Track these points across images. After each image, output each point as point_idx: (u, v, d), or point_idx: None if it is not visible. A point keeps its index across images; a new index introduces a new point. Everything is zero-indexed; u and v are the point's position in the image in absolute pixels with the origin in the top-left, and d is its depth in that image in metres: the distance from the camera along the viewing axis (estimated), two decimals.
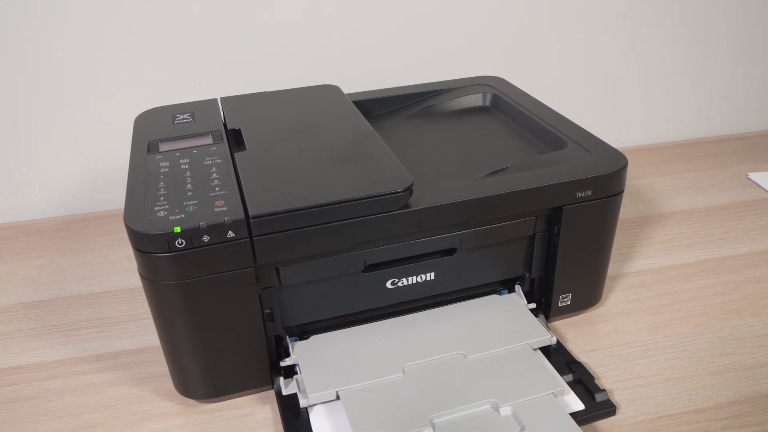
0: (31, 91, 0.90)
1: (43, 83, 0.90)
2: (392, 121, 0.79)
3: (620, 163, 0.63)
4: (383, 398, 0.57)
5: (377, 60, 0.99)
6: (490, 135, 0.74)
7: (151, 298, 0.55)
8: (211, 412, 0.61)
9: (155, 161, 0.61)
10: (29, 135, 0.93)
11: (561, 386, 0.58)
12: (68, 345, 0.70)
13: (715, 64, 1.13)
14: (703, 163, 1.07)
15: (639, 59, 1.10)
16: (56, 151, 0.95)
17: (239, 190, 0.56)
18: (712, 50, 1.12)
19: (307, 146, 0.63)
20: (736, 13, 1.10)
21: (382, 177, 0.57)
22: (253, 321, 0.58)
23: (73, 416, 0.61)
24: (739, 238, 0.86)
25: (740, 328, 0.70)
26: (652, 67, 1.11)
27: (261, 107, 0.73)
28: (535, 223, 0.64)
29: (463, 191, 0.59)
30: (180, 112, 0.72)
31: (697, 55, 1.12)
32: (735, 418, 0.59)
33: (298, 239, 0.54)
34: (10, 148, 0.93)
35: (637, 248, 0.85)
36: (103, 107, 0.93)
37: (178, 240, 0.51)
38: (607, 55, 1.08)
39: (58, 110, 0.92)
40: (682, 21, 1.08)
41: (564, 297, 0.68)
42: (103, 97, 0.93)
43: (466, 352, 0.61)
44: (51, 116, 0.92)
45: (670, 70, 1.12)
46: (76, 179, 0.98)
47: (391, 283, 0.63)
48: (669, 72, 1.12)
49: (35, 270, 0.84)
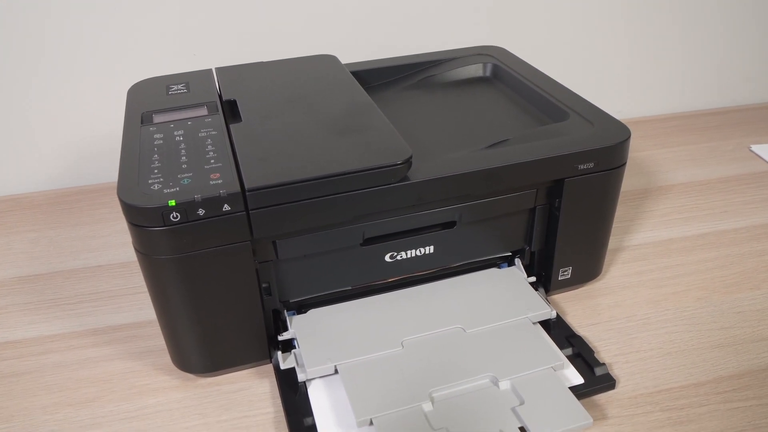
0: (22, 63, 0.88)
1: (35, 55, 0.88)
2: (391, 91, 0.78)
3: (623, 135, 0.62)
4: (382, 372, 0.56)
5: (376, 29, 0.97)
6: (491, 106, 0.73)
7: (146, 272, 0.54)
8: (208, 386, 0.61)
9: (149, 133, 0.60)
10: (21, 107, 0.92)
11: (560, 360, 0.58)
12: (64, 319, 0.70)
13: (718, 34, 1.12)
14: (704, 135, 1.06)
15: (640, 30, 1.08)
16: (49, 123, 0.94)
17: (235, 162, 0.55)
18: (714, 21, 1.10)
19: (304, 117, 0.61)
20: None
21: (381, 149, 0.56)
22: (250, 295, 0.57)
23: (70, 390, 0.61)
24: (741, 211, 0.85)
25: (741, 302, 0.69)
26: (654, 37, 1.09)
27: (257, 78, 0.71)
28: (536, 195, 0.63)
29: (462, 163, 0.58)
30: (174, 82, 0.71)
31: (699, 25, 1.10)
32: (735, 392, 0.59)
33: (295, 212, 0.53)
34: (2, 121, 0.92)
35: (638, 221, 0.84)
36: (96, 78, 0.92)
37: (172, 213, 0.50)
38: (609, 25, 1.06)
39: (51, 82, 0.91)
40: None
41: (564, 270, 0.68)
42: (96, 68, 0.91)
43: (465, 326, 0.61)
44: (43, 88, 0.91)
45: (673, 40, 1.10)
46: (70, 151, 0.96)
47: (389, 257, 0.62)
48: (671, 43, 1.10)
49: (29, 244, 0.83)
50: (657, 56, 1.11)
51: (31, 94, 0.91)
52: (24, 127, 0.93)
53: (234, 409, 0.59)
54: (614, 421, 0.56)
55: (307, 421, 0.55)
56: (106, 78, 0.92)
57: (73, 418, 0.58)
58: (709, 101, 1.18)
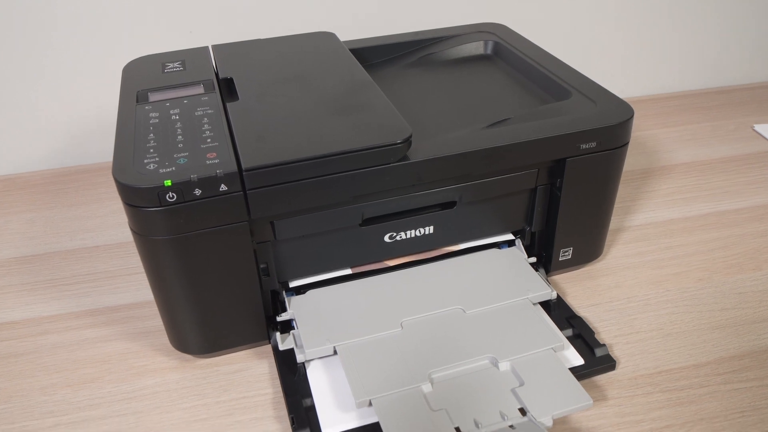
0: (17, 42, 0.87)
1: (30, 34, 0.87)
2: (390, 69, 0.77)
3: (626, 114, 0.61)
4: (381, 353, 0.56)
5: (375, 6, 0.96)
6: (492, 84, 0.72)
7: (143, 253, 0.54)
8: (207, 367, 0.61)
9: (144, 112, 0.59)
10: (16, 86, 0.90)
11: (560, 341, 0.58)
12: (62, 300, 0.69)
13: (721, 12, 1.10)
14: (707, 115, 1.05)
15: (644, 8, 1.06)
16: (44, 103, 0.93)
17: (232, 141, 0.54)
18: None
19: (303, 96, 0.60)
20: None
21: (380, 128, 0.55)
22: (248, 276, 0.56)
23: (68, 371, 0.61)
24: (743, 192, 0.85)
25: (742, 283, 0.69)
26: (657, 15, 1.07)
27: (254, 55, 0.70)
28: (537, 175, 0.62)
29: (463, 143, 0.57)
30: (170, 60, 0.70)
31: (702, 3, 1.08)
32: (735, 373, 0.58)
33: (293, 192, 0.53)
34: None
35: (639, 201, 0.83)
36: (91, 56, 0.90)
37: (168, 194, 0.49)
38: (612, 3, 1.04)
39: (46, 61, 0.89)
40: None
41: (565, 251, 0.67)
42: (91, 46, 0.90)
43: (465, 307, 0.61)
44: (38, 67, 0.89)
45: (676, 18, 1.09)
46: (66, 131, 0.95)
47: (389, 237, 0.61)
48: (674, 21, 1.09)
49: (25, 224, 0.82)
50: (660, 35, 1.10)
51: (25, 73, 0.90)
52: (19, 106, 0.92)
53: (232, 390, 0.58)
54: (614, 402, 0.56)
55: (306, 402, 0.55)
56: (101, 56, 0.90)
57: (71, 398, 0.58)
58: (712, 80, 1.17)
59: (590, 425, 0.54)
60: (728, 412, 0.55)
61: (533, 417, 0.50)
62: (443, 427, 0.50)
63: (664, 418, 0.54)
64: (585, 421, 0.54)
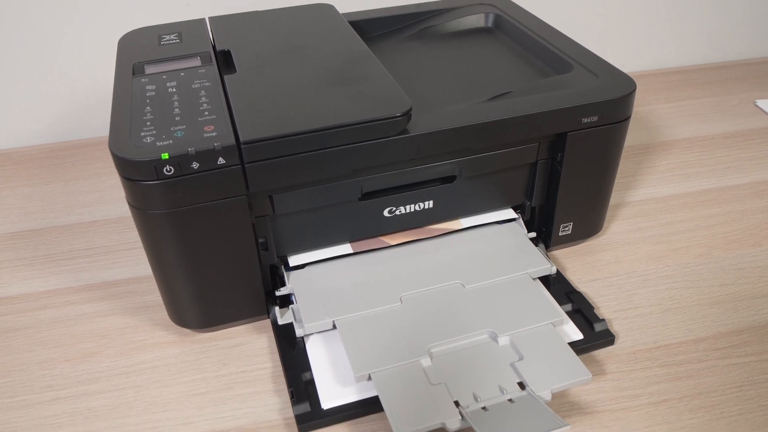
0: (12, 15, 0.86)
1: (25, 6, 0.85)
2: (389, 42, 0.76)
3: (628, 88, 0.60)
4: (380, 328, 0.56)
5: None
6: (492, 57, 0.71)
7: (141, 227, 0.54)
8: (206, 342, 0.61)
9: (141, 84, 0.58)
10: (11, 60, 0.89)
11: (560, 316, 0.58)
12: (60, 275, 0.69)
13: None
14: (709, 90, 1.04)
15: None
16: (40, 77, 0.91)
17: (229, 114, 0.53)
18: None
19: (301, 68, 0.60)
20: None
21: (380, 101, 0.54)
22: (246, 250, 0.56)
23: (66, 346, 0.61)
24: (744, 168, 0.84)
25: (742, 259, 0.69)
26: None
27: (252, 27, 0.69)
28: (538, 149, 0.62)
29: (463, 116, 0.57)
30: (166, 32, 0.69)
31: None
32: (733, 348, 0.58)
33: (291, 166, 0.52)
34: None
35: (640, 177, 0.83)
36: (86, 29, 0.89)
37: (166, 167, 0.48)
38: None
39: (41, 34, 0.88)
40: None
41: (565, 226, 0.67)
42: (87, 18, 0.88)
43: (464, 282, 0.60)
44: (33, 40, 0.88)
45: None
46: (62, 105, 0.94)
47: (388, 212, 0.61)
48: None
49: (23, 199, 0.82)
50: (663, 9, 1.08)
51: (21, 47, 0.88)
52: (14, 81, 0.91)
53: (232, 365, 0.58)
54: (613, 377, 0.56)
55: (305, 376, 0.55)
56: (97, 29, 0.89)
57: (69, 373, 0.58)
58: (714, 55, 1.16)
59: (589, 399, 0.54)
60: (726, 386, 0.55)
61: (532, 391, 0.50)
62: (442, 401, 0.50)
63: (662, 392, 0.55)
64: (584, 395, 0.54)
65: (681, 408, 0.53)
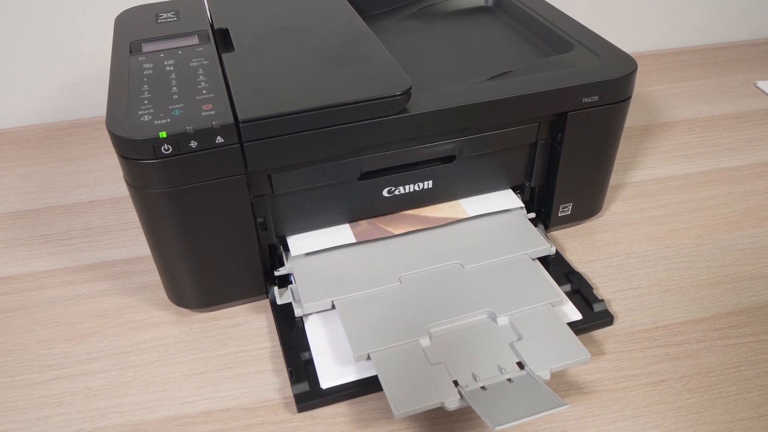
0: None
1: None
2: (389, 21, 0.75)
3: (629, 67, 0.60)
4: (379, 308, 0.56)
5: None
6: (493, 37, 0.70)
7: (139, 207, 0.53)
8: (205, 322, 0.61)
9: (138, 63, 0.57)
10: (7, 39, 0.88)
11: (559, 296, 0.58)
12: (58, 255, 0.69)
13: None
14: (710, 71, 1.04)
15: None
16: (35, 56, 0.90)
17: (228, 93, 0.53)
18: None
19: (300, 47, 0.59)
20: None
21: (379, 79, 0.54)
22: (245, 230, 0.56)
23: (65, 326, 0.61)
24: (744, 149, 0.84)
25: (741, 240, 0.69)
26: None
27: (250, 5, 0.68)
28: (538, 129, 0.61)
29: (463, 95, 0.56)
30: (163, 10, 0.68)
31: None
32: (732, 329, 0.59)
33: (290, 145, 0.52)
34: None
35: (640, 158, 0.82)
36: (82, 6, 0.88)
37: (164, 145, 0.48)
38: None
39: (37, 13, 0.87)
40: None
41: (564, 207, 0.67)
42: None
43: (463, 262, 0.60)
44: (29, 20, 0.87)
45: None
46: (58, 84, 0.94)
47: (387, 192, 0.61)
48: None
49: (20, 179, 0.81)
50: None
51: (16, 26, 0.87)
52: (10, 60, 0.90)
53: (231, 344, 0.59)
54: (612, 357, 0.56)
55: (304, 356, 0.55)
56: (93, 6, 0.88)
57: (69, 352, 0.58)
58: (715, 36, 1.15)
59: (588, 379, 0.54)
60: (724, 366, 0.55)
61: (531, 371, 0.51)
62: (441, 381, 0.50)
63: (661, 372, 0.55)
64: (583, 375, 0.55)
65: (679, 388, 0.53)
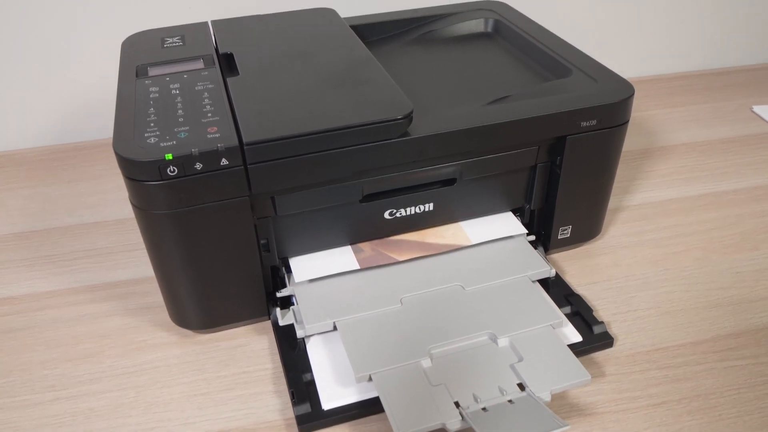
0: (15, 17, 0.86)
1: (27, 9, 0.86)
2: (390, 46, 0.76)
3: (626, 92, 0.61)
4: (381, 329, 0.56)
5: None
6: (492, 62, 0.72)
7: (143, 228, 0.54)
8: (207, 343, 0.61)
9: (144, 86, 0.58)
10: (14, 61, 0.90)
11: (559, 318, 0.58)
12: (61, 275, 0.69)
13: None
14: (707, 96, 1.05)
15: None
16: (42, 78, 0.92)
17: (232, 116, 0.54)
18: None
19: (303, 71, 0.60)
20: None
21: (381, 103, 0.55)
22: (248, 251, 0.56)
23: (68, 346, 0.61)
24: (741, 172, 0.85)
25: (740, 262, 0.69)
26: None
27: (254, 31, 0.70)
28: (537, 153, 0.62)
29: (464, 119, 0.57)
30: (169, 35, 0.69)
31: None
32: (731, 351, 0.59)
33: (293, 167, 0.52)
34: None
35: (638, 181, 0.83)
36: (89, 31, 0.89)
37: (169, 167, 0.49)
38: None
39: (44, 36, 0.88)
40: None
41: (564, 229, 0.67)
42: (90, 21, 0.89)
43: (464, 284, 0.61)
44: (37, 42, 0.89)
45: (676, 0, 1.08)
46: (63, 107, 0.95)
47: (389, 214, 0.61)
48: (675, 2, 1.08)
49: (24, 200, 0.82)
50: (662, 16, 1.09)
51: (24, 48, 0.89)
52: (17, 82, 0.91)
53: (233, 365, 0.59)
54: (612, 379, 0.56)
55: (305, 377, 0.55)
56: (100, 31, 0.89)
57: (71, 373, 0.58)
58: (712, 62, 1.16)
59: (588, 401, 0.54)
60: (724, 389, 0.55)
61: (532, 392, 0.51)
62: (443, 402, 0.50)
63: (661, 395, 0.55)
64: (583, 397, 0.55)
65: (679, 410, 0.54)
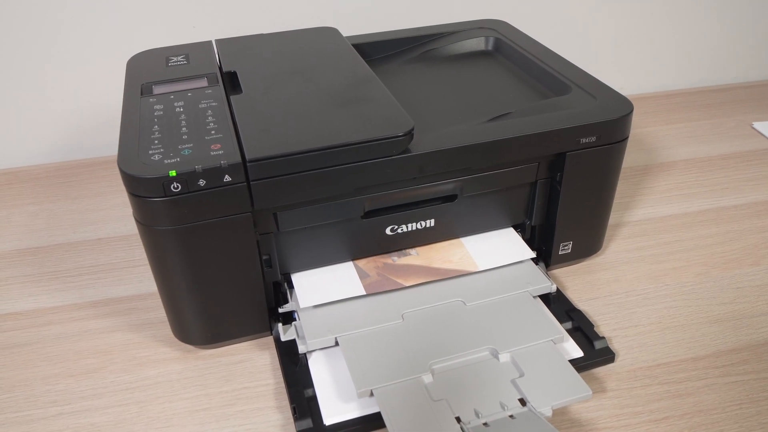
0: (21, 35, 0.87)
1: (33, 27, 0.87)
2: (392, 65, 0.77)
3: (625, 109, 0.61)
4: (382, 344, 0.57)
5: (377, 2, 0.96)
6: (493, 79, 0.72)
7: (147, 243, 0.54)
8: (209, 358, 0.61)
9: (149, 104, 0.59)
10: (20, 80, 0.91)
11: (560, 333, 0.58)
12: (65, 291, 0.70)
13: (721, 10, 1.10)
14: (707, 112, 1.06)
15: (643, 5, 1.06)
16: (47, 96, 0.93)
17: (236, 133, 0.54)
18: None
19: (305, 89, 0.61)
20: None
21: (383, 120, 0.55)
22: (250, 267, 0.57)
23: (71, 362, 0.61)
24: (741, 188, 0.85)
25: (740, 278, 0.69)
26: (658, 13, 1.08)
27: (257, 50, 0.70)
28: (538, 169, 0.63)
29: (464, 136, 0.58)
30: (174, 54, 0.70)
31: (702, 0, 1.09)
32: (733, 366, 0.59)
33: (296, 184, 0.53)
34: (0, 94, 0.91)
35: (639, 197, 0.84)
36: (94, 50, 0.91)
37: (173, 184, 0.49)
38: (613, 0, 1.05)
39: (49, 54, 0.90)
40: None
41: (564, 245, 0.68)
42: (95, 40, 0.90)
43: (465, 299, 0.61)
44: (42, 60, 0.90)
45: (675, 17, 1.09)
46: (69, 124, 0.96)
47: (390, 230, 0.62)
48: (673, 19, 1.09)
49: (29, 217, 0.83)
50: (661, 33, 1.10)
51: (29, 67, 0.90)
52: (22, 99, 0.92)
53: (234, 381, 0.59)
54: (613, 394, 0.56)
55: (307, 393, 0.55)
56: (105, 50, 0.91)
57: (74, 388, 0.59)
58: (712, 78, 1.17)
59: (589, 416, 0.54)
60: (726, 404, 0.55)
61: (533, 407, 0.51)
62: (444, 417, 0.50)
63: (663, 410, 0.55)
64: (584, 412, 0.55)
65: (681, 425, 0.54)
